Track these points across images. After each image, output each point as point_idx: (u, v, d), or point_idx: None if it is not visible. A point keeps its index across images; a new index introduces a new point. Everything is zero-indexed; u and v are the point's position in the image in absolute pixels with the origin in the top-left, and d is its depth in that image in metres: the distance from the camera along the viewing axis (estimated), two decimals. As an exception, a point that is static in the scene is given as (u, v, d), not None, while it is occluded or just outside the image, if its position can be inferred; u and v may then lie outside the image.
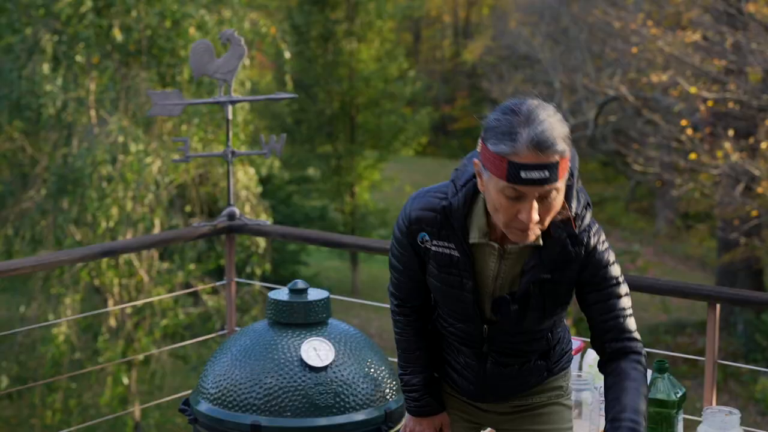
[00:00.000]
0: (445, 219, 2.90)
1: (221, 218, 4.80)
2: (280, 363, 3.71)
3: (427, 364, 3.18)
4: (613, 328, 2.91)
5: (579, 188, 2.88)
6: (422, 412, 3.21)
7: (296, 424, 3.64)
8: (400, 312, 3.15)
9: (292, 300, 3.82)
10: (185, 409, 3.87)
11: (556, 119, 2.69)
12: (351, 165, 21.55)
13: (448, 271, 2.95)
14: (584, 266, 2.88)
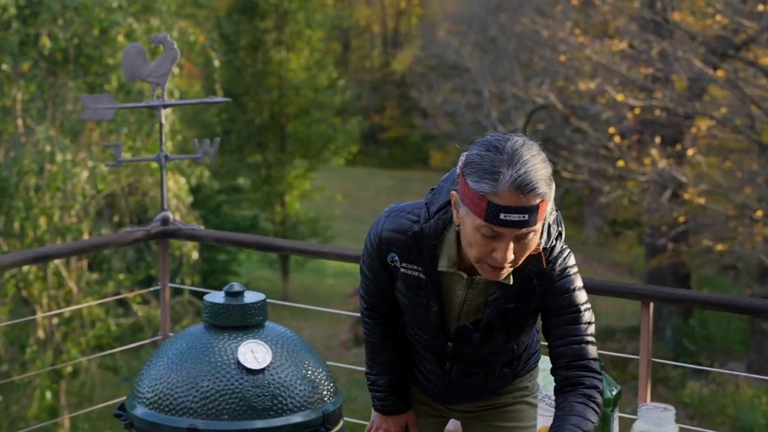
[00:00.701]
0: (414, 244, 2.87)
1: (155, 223, 4.76)
2: (217, 366, 3.69)
3: (393, 367, 3.17)
4: (565, 354, 2.88)
5: (555, 218, 2.86)
6: (387, 410, 3.21)
7: (233, 426, 3.62)
8: (368, 315, 3.14)
9: (228, 303, 3.80)
10: (121, 414, 3.84)
11: (540, 160, 2.64)
12: (281, 174, 21.51)
13: (415, 293, 2.93)
14: (545, 294, 2.86)
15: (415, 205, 2.93)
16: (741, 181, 15.53)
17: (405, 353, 3.17)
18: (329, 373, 3.89)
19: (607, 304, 19.51)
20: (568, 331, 2.87)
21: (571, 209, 26.12)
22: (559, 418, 2.82)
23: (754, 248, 14.49)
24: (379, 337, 3.15)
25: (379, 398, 3.20)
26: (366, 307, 3.12)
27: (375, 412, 3.26)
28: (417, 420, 3.24)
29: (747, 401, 14.17)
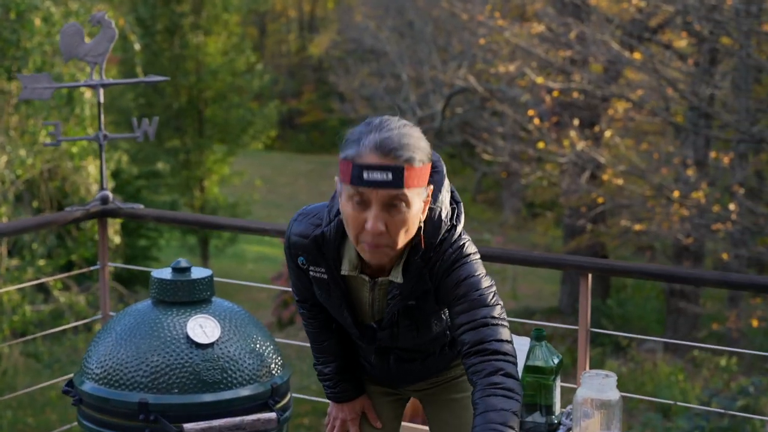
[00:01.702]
0: (317, 248, 2.90)
1: (94, 202, 4.75)
2: (166, 341, 3.72)
3: (336, 354, 3.17)
4: (465, 341, 2.78)
5: (449, 213, 2.84)
6: (340, 398, 3.22)
7: (184, 400, 3.65)
8: (302, 307, 3.16)
9: (176, 278, 3.83)
10: (69, 391, 3.85)
11: (410, 130, 2.69)
12: (200, 159, 21.39)
13: (327, 294, 2.97)
14: (438, 289, 2.85)
15: (321, 207, 2.95)
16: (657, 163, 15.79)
17: (346, 343, 3.18)
18: (276, 347, 3.94)
19: (526, 286, 19.74)
20: (467, 317, 2.80)
21: (489, 192, 26.33)
22: (476, 419, 2.69)
23: (670, 228, 14.75)
24: (317, 326, 3.16)
25: (329, 386, 3.21)
26: (298, 300, 3.15)
27: (330, 402, 3.27)
28: (374, 402, 3.25)
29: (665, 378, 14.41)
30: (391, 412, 3.28)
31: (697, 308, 16.42)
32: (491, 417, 2.65)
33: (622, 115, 16.04)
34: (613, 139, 15.80)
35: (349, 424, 3.23)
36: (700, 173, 14.92)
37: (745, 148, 14.90)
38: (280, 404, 3.82)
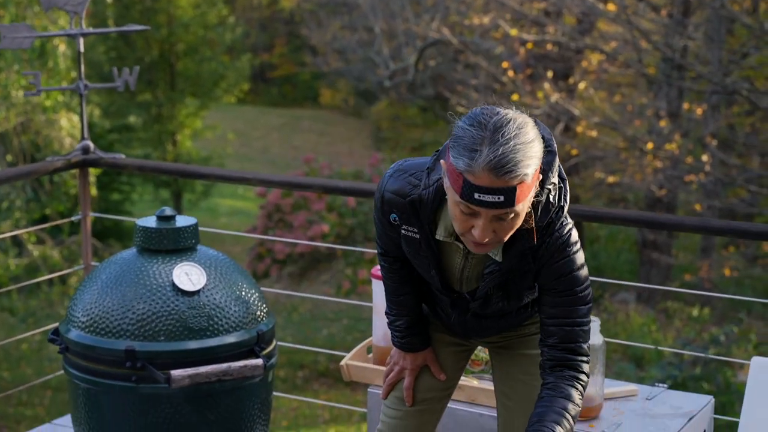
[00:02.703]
0: (413, 209, 2.85)
1: (75, 152, 4.75)
2: (152, 288, 3.73)
3: (411, 308, 3.14)
4: (556, 334, 2.86)
5: (558, 193, 2.79)
6: (405, 348, 3.18)
7: (170, 347, 3.67)
8: (383, 259, 3.11)
9: (161, 227, 3.84)
10: (55, 339, 3.86)
11: (525, 139, 2.58)
12: (172, 113, 21.29)
13: (416, 253, 2.93)
14: (540, 271, 2.83)
15: (421, 165, 2.88)
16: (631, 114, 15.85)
17: (423, 294, 3.14)
18: (261, 295, 3.96)
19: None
20: (562, 312, 2.85)
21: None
22: (546, 398, 2.82)
23: (644, 179, 14.82)
24: (396, 279, 3.12)
25: (397, 336, 3.18)
26: (380, 252, 3.10)
27: (394, 348, 3.23)
28: (440, 350, 3.21)
29: (637, 329, 14.53)
30: (454, 363, 3.24)
31: (670, 259, 16.54)
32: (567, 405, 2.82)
33: (595, 67, 16.07)
34: (586, 91, 15.84)
35: (406, 373, 3.20)
36: (673, 125, 14.98)
37: (718, 100, 14.97)
38: (266, 351, 3.85)
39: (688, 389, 10.38)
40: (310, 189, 4.75)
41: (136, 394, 3.67)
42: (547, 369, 2.89)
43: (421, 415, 3.21)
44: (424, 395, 3.21)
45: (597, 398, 3.61)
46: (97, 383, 3.72)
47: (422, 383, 3.21)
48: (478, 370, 3.80)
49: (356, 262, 15.33)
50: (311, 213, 15.53)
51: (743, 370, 12.39)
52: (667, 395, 3.81)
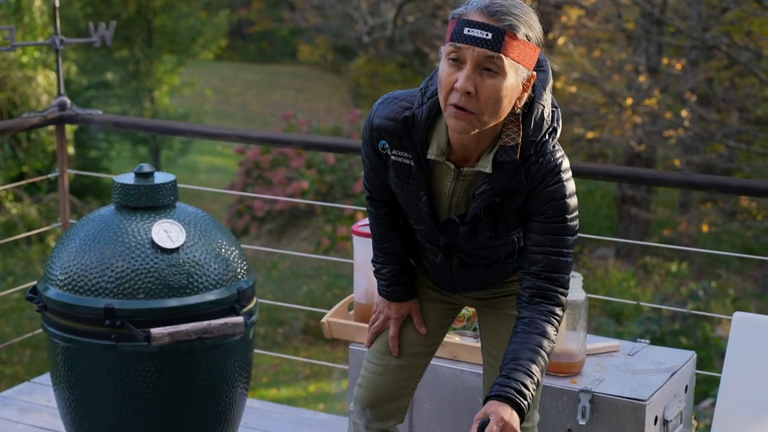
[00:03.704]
0: (405, 130, 2.85)
1: (51, 108, 4.69)
2: (131, 246, 3.70)
3: (396, 256, 3.13)
4: (540, 262, 2.85)
5: (551, 114, 2.82)
6: (390, 297, 3.17)
7: (150, 305, 3.64)
8: (371, 204, 3.10)
9: (140, 183, 3.80)
10: (33, 297, 3.83)
11: (525, 8, 2.67)
12: (149, 70, 21.14)
13: (405, 181, 2.92)
14: (532, 194, 2.82)
15: (410, 92, 2.91)
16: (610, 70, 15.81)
17: (410, 244, 3.13)
18: (242, 252, 3.93)
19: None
20: (549, 240, 2.84)
21: (441, 101, 26.19)
22: (521, 334, 2.81)
23: (623, 135, 14.82)
24: (383, 225, 3.11)
25: (383, 285, 3.17)
26: (368, 195, 3.09)
27: (379, 297, 3.22)
28: (426, 305, 3.20)
29: (616, 285, 14.57)
30: (438, 320, 3.22)
31: (648, 215, 16.57)
32: (542, 342, 2.81)
33: (574, 23, 16.01)
34: (566, 47, 15.78)
35: (390, 323, 3.19)
36: (653, 80, 14.96)
37: (697, 55, 14.94)
38: (246, 308, 3.82)
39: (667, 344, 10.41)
40: (290, 145, 4.71)
41: (115, 352, 3.65)
42: (524, 300, 2.88)
43: (402, 371, 3.19)
44: (407, 350, 3.19)
45: (579, 354, 3.61)
46: (76, 342, 3.69)
47: (406, 337, 3.19)
48: (460, 326, 3.79)
49: (336, 219, 15.31)
50: (290, 170, 15.48)
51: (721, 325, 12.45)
52: (649, 351, 3.81)
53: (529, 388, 2.72)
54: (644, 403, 3.44)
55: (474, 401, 3.59)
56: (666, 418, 3.57)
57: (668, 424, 3.58)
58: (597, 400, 3.48)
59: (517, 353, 2.78)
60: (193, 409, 3.74)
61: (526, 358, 2.77)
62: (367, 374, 3.21)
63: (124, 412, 3.72)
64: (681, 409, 3.69)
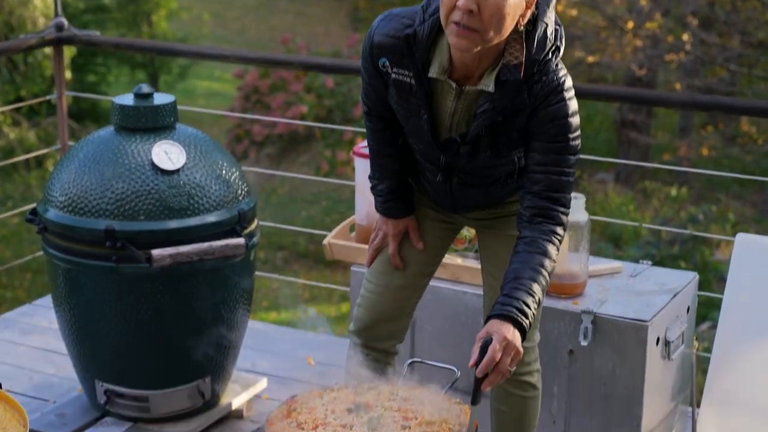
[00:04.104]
0: (407, 48, 2.81)
1: (49, 29, 4.64)
2: (131, 167, 3.67)
3: (393, 172, 3.10)
4: (542, 181, 2.83)
5: (554, 32, 2.79)
6: (387, 213, 3.16)
7: (150, 227, 3.62)
8: (369, 119, 3.07)
9: (139, 104, 3.76)
10: (33, 219, 3.81)
11: None
12: (147, -7, 20.95)
13: (406, 99, 2.89)
14: (535, 113, 2.79)
15: (411, 10, 2.86)
16: (611, -8, 15.65)
17: (408, 163, 3.10)
18: (242, 174, 3.91)
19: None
20: (551, 159, 2.81)
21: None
22: (522, 253, 2.79)
23: (623, 59, 14.73)
24: (380, 140, 3.09)
25: (380, 201, 3.15)
26: (366, 110, 3.06)
27: (378, 214, 3.20)
28: (425, 224, 3.18)
29: (616, 209, 14.56)
30: (438, 240, 3.20)
31: (648, 139, 16.52)
32: (543, 261, 2.78)
33: (575, -55, 15.83)
34: (566, -31, 15.62)
35: (389, 240, 3.17)
36: (654, 3, 14.83)
37: (699, -22, 14.80)
38: (247, 230, 3.81)
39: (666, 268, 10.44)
40: (290, 67, 4.66)
41: (116, 274, 3.64)
42: (525, 220, 2.86)
43: (402, 291, 3.18)
44: (407, 269, 3.18)
45: (581, 275, 3.60)
46: (77, 263, 3.68)
47: (406, 256, 3.17)
48: (462, 248, 3.78)
49: (335, 144, 15.26)
50: (289, 94, 15.40)
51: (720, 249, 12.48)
52: (651, 272, 3.81)
53: (530, 307, 2.71)
54: (646, 324, 3.44)
55: (476, 322, 3.59)
56: (668, 338, 3.58)
57: (670, 345, 3.59)
58: (599, 321, 3.49)
59: (519, 272, 2.77)
60: (194, 331, 3.73)
61: (527, 277, 2.76)
62: (367, 294, 3.20)
63: (125, 334, 3.72)
64: (683, 330, 3.69)
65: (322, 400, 2.79)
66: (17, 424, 2.65)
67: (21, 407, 2.68)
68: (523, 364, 3.15)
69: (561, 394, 3.58)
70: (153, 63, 20.14)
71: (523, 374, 3.17)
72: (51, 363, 4.50)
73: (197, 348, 3.75)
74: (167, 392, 3.83)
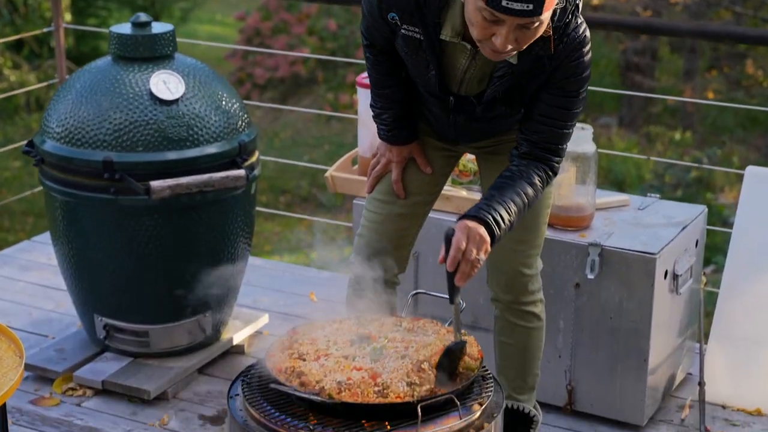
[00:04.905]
0: (417, 8, 2.71)
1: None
2: (129, 98, 3.60)
3: (396, 101, 3.00)
4: (543, 132, 2.78)
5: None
6: (391, 140, 3.06)
7: (148, 158, 3.56)
8: (369, 51, 2.97)
9: (137, 33, 3.69)
10: (30, 151, 3.74)
11: None
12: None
13: (414, 53, 2.80)
14: (553, 74, 2.73)
15: None
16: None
17: (411, 91, 3.01)
18: (242, 105, 3.84)
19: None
20: (558, 113, 2.77)
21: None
22: (509, 176, 2.75)
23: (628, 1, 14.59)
24: (381, 72, 2.99)
25: (383, 129, 3.06)
26: (366, 43, 2.96)
27: (380, 140, 3.12)
28: (426, 151, 3.09)
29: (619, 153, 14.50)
30: (439, 167, 3.12)
31: (652, 82, 16.40)
32: (527, 189, 2.74)
33: None
34: None
35: (392, 166, 3.09)
36: (660, -56, 14.67)
37: None
38: (248, 162, 3.74)
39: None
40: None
41: (115, 206, 3.57)
42: (518, 156, 2.82)
43: (403, 220, 3.11)
44: (408, 197, 3.10)
45: (588, 207, 3.54)
46: (74, 196, 3.62)
47: (407, 184, 3.10)
48: (467, 181, 3.71)
49: (338, 87, 15.16)
50: (291, 37, 15.28)
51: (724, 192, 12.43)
52: (659, 205, 3.74)
53: (504, 221, 2.64)
54: (654, 257, 3.38)
55: (480, 255, 3.53)
56: (676, 272, 3.52)
57: (678, 279, 3.53)
58: (606, 254, 3.43)
59: (500, 188, 2.72)
60: (195, 265, 3.67)
61: (508, 196, 2.70)
62: (367, 224, 3.13)
63: (124, 268, 3.67)
64: (691, 264, 3.63)
65: (324, 332, 2.73)
66: (13, 354, 2.60)
67: (16, 337, 2.63)
68: (526, 293, 3.10)
69: (567, 328, 3.53)
70: (154, 6, 19.97)
71: (527, 304, 3.12)
72: (50, 299, 4.45)
73: (197, 282, 3.69)
74: (167, 327, 3.79)
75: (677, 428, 3.60)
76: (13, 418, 3.60)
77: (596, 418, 3.61)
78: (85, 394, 3.76)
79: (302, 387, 2.46)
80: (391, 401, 2.41)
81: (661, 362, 3.56)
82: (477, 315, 3.61)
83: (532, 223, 3.02)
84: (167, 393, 3.74)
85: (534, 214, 2.99)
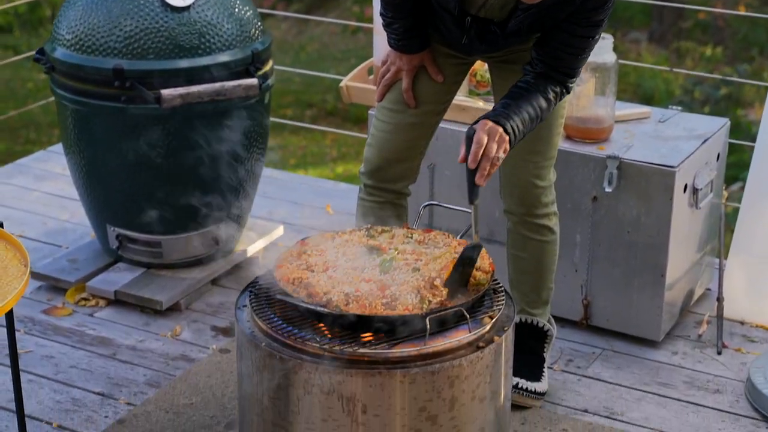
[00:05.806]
0: None
1: None
2: (140, 4, 3.54)
3: (408, 11, 2.92)
4: (562, 58, 2.76)
5: None
6: (402, 49, 2.99)
7: (160, 66, 3.51)
8: None
9: (148, -62, 3.60)
10: (40, 58, 3.69)
11: None
12: None
13: None
14: (581, 5, 2.69)
15: None
16: None
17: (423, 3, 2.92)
18: (256, 12, 3.77)
19: None
20: (581, 42, 2.74)
21: None
22: (523, 87, 2.74)
23: None
24: None
25: (394, 39, 2.99)
26: None
27: (390, 48, 3.04)
28: (437, 59, 3.02)
29: (648, 69, 14.33)
30: (450, 76, 3.05)
31: (684, -3, 16.17)
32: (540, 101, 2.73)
33: None
34: None
35: (403, 74, 3.02)
36: None
37: None
38: (261, 71, 3.68)
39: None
40: None
41: (125, 114, 3.53)
42: (534, 73, 2.79)
43: (413, 129, 3.04)
44: (418, 106, 3.03)
45: (608, 119, 3.47)
46: (85, 104, 3.57)
47: (418, 93, 3.02)
48: (484, 92, 3.64)
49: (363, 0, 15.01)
50: (317, -51, 15.10)
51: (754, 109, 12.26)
52: (680, 117, 3.66)
53: (518, 129, 2.64)
54: (674, 170, 3.31)
55: (496, 167, 3.47)
56: (696, 186, 3.45)
57: (698, 193, 3.46)
58: (624, 167, 3.36)
59: (516, 97, 2.71)
60: (207, 175, 3.62)
61: (522, 106, 2.69)
62: (378, 133, 3.07)
63: (135, 177, 3.63)
64: (712, 178, 3.56)
65: (334, 243, 2.69)
66: (18, 263, 2.57)
67: (22, 246, 2.59)
68: (539, 205, 3.04)
69: (584, 242, 3.47)
70: None
71: (540, 217, 3.07)
72: (64, 209, 4.43)
73: (210, 193, 3.66)
74: (180, 237, 3.76)
75: (694, 344, 3.56)
76: (25, 328, 3.60)
77: (612, 333, 3.57)
78: (97, 305, 3.74)
79: (309, 298, 2.43)
80: (400, 313, 2.37)
81: (678, 277, 3.50)
82: (493, 229, 3.55)
83: (546, 133, 2.96)
84: (180, 304, 3.72)
85: (547, 125, 2.93)
